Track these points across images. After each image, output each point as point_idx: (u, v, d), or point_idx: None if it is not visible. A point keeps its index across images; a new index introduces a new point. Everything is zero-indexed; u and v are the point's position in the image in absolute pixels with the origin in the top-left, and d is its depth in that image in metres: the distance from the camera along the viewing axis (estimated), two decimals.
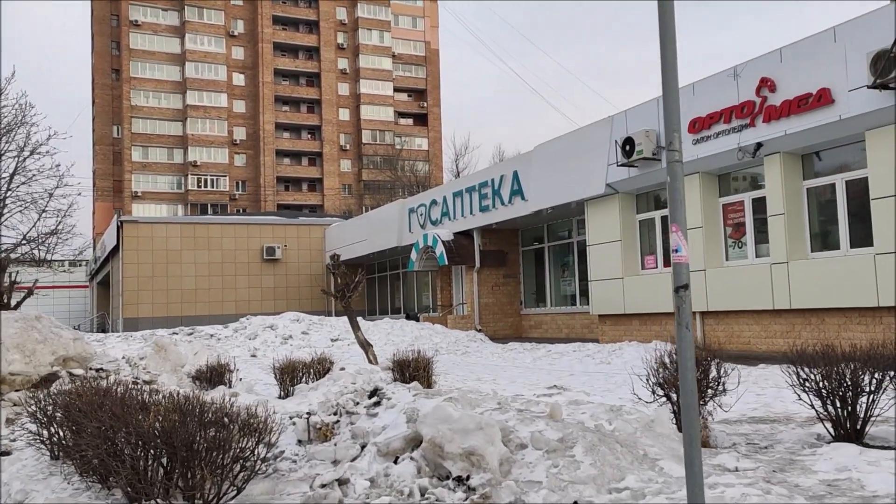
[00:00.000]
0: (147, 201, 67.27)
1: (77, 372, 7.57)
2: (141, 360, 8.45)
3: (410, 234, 26.53)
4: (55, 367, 7.50)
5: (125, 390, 5.08)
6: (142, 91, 69.26)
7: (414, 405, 4.46)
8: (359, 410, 4.70)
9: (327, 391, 8.28)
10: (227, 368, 8.84)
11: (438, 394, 4.98)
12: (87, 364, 7.80)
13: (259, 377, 11.59)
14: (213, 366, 8.77)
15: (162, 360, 8.54)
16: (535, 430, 4.17)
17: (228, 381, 8.83)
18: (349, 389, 5.71)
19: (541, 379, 9.87)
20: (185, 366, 8.87)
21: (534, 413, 4.48)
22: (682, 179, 3.55)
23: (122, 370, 8.17)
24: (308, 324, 18.53)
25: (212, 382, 8.67)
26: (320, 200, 73.72)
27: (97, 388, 5.17)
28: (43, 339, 7.43)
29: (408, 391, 4.90)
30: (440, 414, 3.87)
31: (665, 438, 4.60)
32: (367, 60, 77.11)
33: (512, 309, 23.36)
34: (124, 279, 30.90)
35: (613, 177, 16.29)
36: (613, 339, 16.94)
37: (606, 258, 17.07)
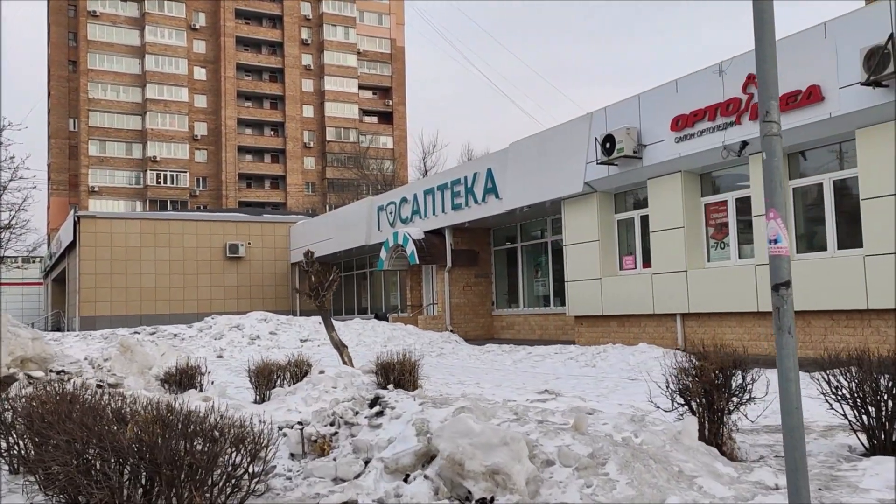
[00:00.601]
0: (104, 197, 65.44)
1: (36, 374, 6.95)
2: (105, 361, 7.84)
3: (379, 233, 26.01)
4: (12, 368, 6.87)
5: (94, 397, 4.53)
6: (100, 84, 67.36)
7: (422, 415, 4.01)
8: (359, 421, 4.22)
9: (306, 395, 7.78)
10: (198, 371, 8.27)
11: (447, 402, 4.53)
12: (46, 366, 7.18)
13: (229, 379, 11.00)
14: (182, 368, 8.19)
15: (128, 361, 7.94)
16: (561, 444, 3.75)
17: (199, 384, 8.26)
18: (344, 397, 5.22)
19: (527, 382, 9.48)
20: (152, 368, 8.28)
21: (556, 424, 4.06)
22: (780, 156, 3.16)
23: (84, 372, 7.56)
24: (276, 324, 17.91)
25: (182, 385, 8.09)
26: (283, 198, 72.58)
27: (62, 393, 4.61)
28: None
29: (413, 399, 4.44)
30: (460, 427, 3.42)
31: (696, 452, 4.21)
32: (331, 57, 76.16)
33: (483, 309, 22.99)
34: (81, 276, 29.79)
35: (592, 175, 16.02)
36: (591, 340, 16.67)
37: (584, 258, 16.78)
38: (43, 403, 4.40)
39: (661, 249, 14.62)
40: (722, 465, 4.18)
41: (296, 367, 8.46)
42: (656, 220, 14.76)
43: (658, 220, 14.71)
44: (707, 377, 4.63)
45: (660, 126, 14.15)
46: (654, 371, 9.89)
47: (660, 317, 14.87)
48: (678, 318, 14.38)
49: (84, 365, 7.78)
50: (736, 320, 13.20)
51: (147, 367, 8.14)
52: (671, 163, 14.04)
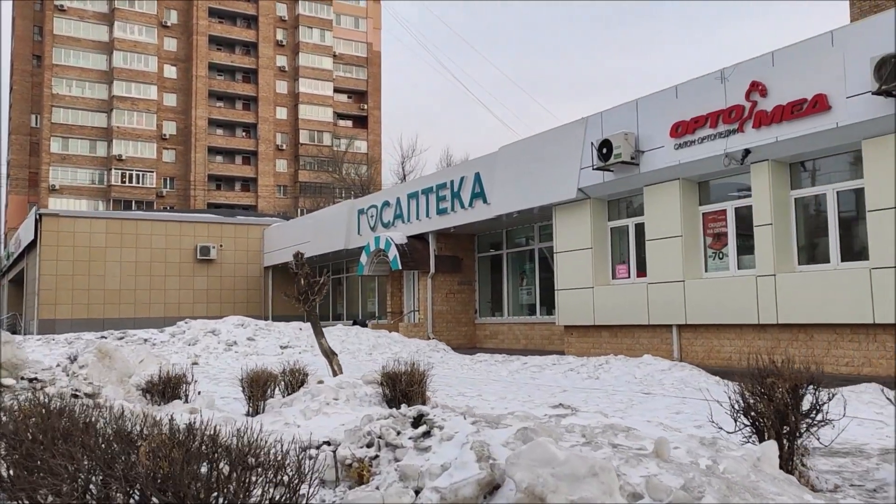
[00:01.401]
0: (66, 195, 63.63)
1: (7, 382, 6.25)
2: (81, 368, 7.14)
3: (359, 237, 25.36)
4: None
5: (85, 411, 3.90)
6: (64, 79, 65.59)
7: (479, 437, 3.46)
8: (403, 442, 3.65)
9: (305, 407, 7.19)
10: (183, 379, 7.60)
11: (499, 422, 3.98)
12: (17, 372, 6.47)
13: (208, 388, 10.31)
14: (166, 377, 7.52)
15: (106, 368, 7.25)
16: (647, 473, 3.24)
17: (185, 394, 7.59)
18: (380, 414, 4.62)
19: (532, 395, 8.97)
20: (132, 376, 7.59)
21: (634, 450, 3.54)
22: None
23: (58, 380, 6.86)
24: (254, 329, 17.15)
25: (165, 396, 7.42)
26: (254, 201, 71.37)
27: (49, 407, 3.97)
28: None
29: (462, 418, 3.89)
30: (539, 453, 2.89)
31: (781, 482, 3.73)
32: (307, 59, 75.26)
33: (466, 318, 22.47)
34: (41, 277, 28.59)
35: (586, 181, 15.62)
36: (581, 351, 16.24)
37: (576, 266, 16.36)
38: (26, 417, 3.76)
39: (658, 258, 14.26)
40: (811, 496, 3.70)
41: (290, 376, 7.83)
42: (653, 229, 14.40)
43: (655, 228, 14.35)
44: (780, 396, 4.16)
45: (658, 132, 13.80)
46: (665, 384, 9.47)
47: (655, 327, 14.49)
48: (674, 329, 14.01)
49: (57, 372, 7.08)
50: (735, 332, 12.86)
51: (127, 376, 7.46)
52: (670, 170, 13.69)
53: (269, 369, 8.65)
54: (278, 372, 8.08)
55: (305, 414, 6.96)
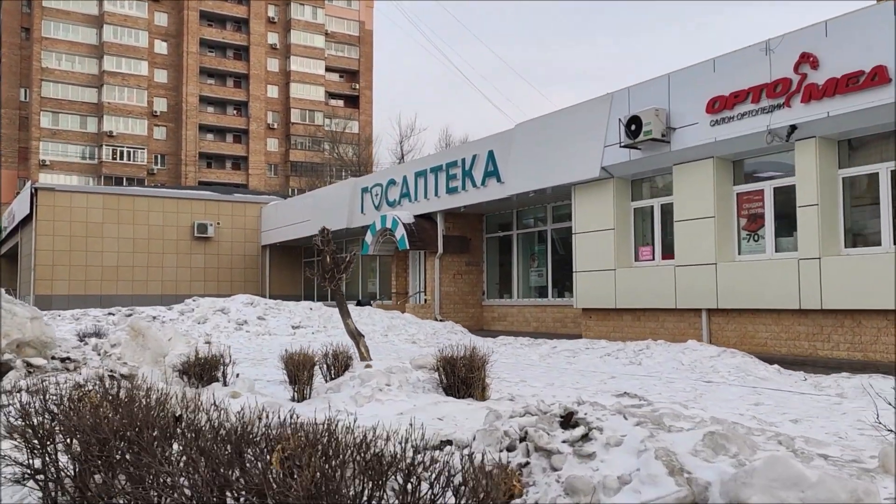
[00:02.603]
0: (56, 171, 62.42)
1: (36, 362, 5.69)
2: (113, 347, 6.58)
3: (363, 216, 24.78)
4: (7, 354, 5.60)
5: (163, 402, 3.36)
6: (54, 53, 64.14)
7: (657, 443, 2.92)
8: (558, 447, 3.08)
9: (356, 394, 6.68)
10: (222, 361, 7.07)
11: (660, 422, 3.45)
12: (47, 351, 5.92)
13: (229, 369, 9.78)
14: (203, 357, 6.99)
15: (140, 347, 6.70)
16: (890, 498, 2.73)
17: (223, 376, 7.06)
18: (506, 415, 4.10)
19: (582, 381, 8.49)
20: (167, 355, 7.05)
21: (844, 462, 3.03)
22: None
23: (89, 360, 6.31)
24: (264, 308, 16.58)
25: (202, 378, 6.89)
26: (245, 179, 70.37)
27: (114, 393, 3.42)
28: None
29: (621, 417, 3.35)
30: (781, 472, 2.35)
31: None
32: (298, 36, 74.04)
33: (474, 299, 21.99)
34: (37, 252, 27.84)
35: (610, 159, 15.11)
36: (600, 335, 15.81)
37: (596, 248, 15.88)
38: (96, 408, 3.22)
39: (687, 240, 13.79)
40: None
41: (333, 359, 7.31)
42: (682, 210, 13.92)
43: (684, 209, 13.88)
44: None
45: (693, 108, 13.28)
46: (721, 372, 9.03)
47: (682, 311, 14.05)
48: (704, 313, 13.57)
49: (87, 351, 6.52)
50: (772, 318, 12.43)
51: (161, 355, 6.91)
52: (703, 148, 13.19)
53: (305, 351, 8.13)
54: (320, 354, 7.56)
55: (357, 400, 6.46)
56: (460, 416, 5.81)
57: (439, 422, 5.64)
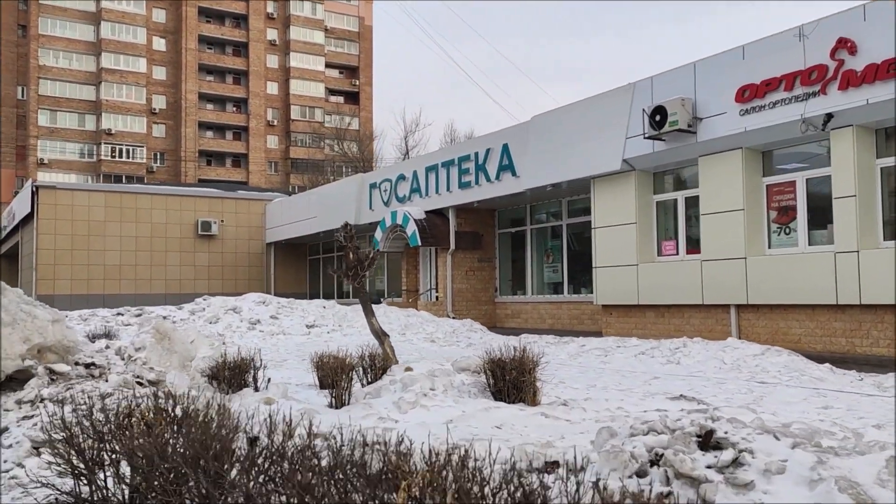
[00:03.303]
0: (54, 169, 61.86)
1: (59, 368, 5.28)
2: (138, 351, 6.17)
3: (371, 212, 24.34)
4: (28, 360, 5.18)
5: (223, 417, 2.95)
6: (51, 50, 63.56)
7: (832, 470, 2.47)
8: (706, 474, 2.61)
9: (399, 399, 6.26)
10: (252, 364, 6.65)
11: (812, 440, 3.00)
12: (69, 356, 5.50)
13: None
14: (233, 361, 6.57)
15: (166, 351, 6.28)
16: None
17: (254, 380, 6.65)
18: (628, 433, 3.67)
19: (624, 383, 8.09)
20: (193, 358, 6.63)
21: None
22: None
23: (113, 365, 5.89)
24: (276, 307, 16.15)
25: (232, 383, 6.48)
26: (245, 177, 69.87)
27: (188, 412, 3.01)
28: (10, 321, 5.10)
29: (771, 437, 2.89)
30: None
31: None
32: (298, 32, 73.55)
33: (486, 296, 21.58)
34: (39, 251, 27.37)
35: (632, 151, 14.69)
36: (621, 332, 15.41)
37: (617, 243, 15.48)
38: (149, 427, 2.80)
39: (715, 234, 13.39)
40: None
41: (370, 363, 6.90)
42: (709, 202, 13.52)
43: (711, 201, 13.47)
44: None
45: (721, 97, 12.87)
46: (771, 371, 8.63)
47: (709, 307, 13.66)
48: (732, 309, 13.17)
49: (110, 355, 6.10)
50: (805, 313, 12.04)
51: (188, 359, 6.49)
52: (732, 138, 12.78)
53: (333, 353, 7.73)
54: (354, 357, 7.15)
55: (400, 406, 6.05)
56: (518, 424, 5.41)
57: (497, 430, 5.24)
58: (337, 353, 7.33)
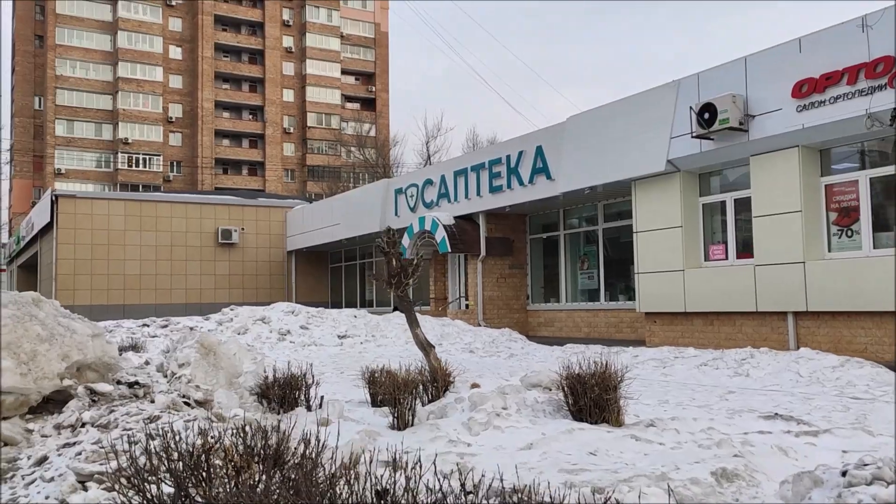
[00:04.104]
0: (72, 179, 61.82)
1: (101, 388, 4.72)
2: (181, 367, 5.61)
3: (397, 218, 23.77)
4: (66, 379, 4.63)
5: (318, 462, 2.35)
6: (68, 60, 63.65)
7: None
8: None
9: (469, 419, 5.66)
10: (303, 381, 6.07)
11: None
12: (111, 374, 4.94)
13: None
14: (280, 377, 6.00)
15: (212, 367, 5.72)
16: None
17: (305, 399, 6.06)
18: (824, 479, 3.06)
19: (698, 398, 7.46)
20: (240, 375, 6.06)
21: None
22: None
23: (156, 383, 5.33)
24: (306, 317, 15.60)
25: (284, 402, 5.90)
26: (261, 185, 69.59)
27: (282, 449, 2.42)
28: (48, 336, 4.55)
29: None
30: None
31: None
32: (314, 40, 73.39)
33: (518, 304, 20.94)
34: (58, 261, 27.02)
35: (678, 152, 14.05)
36: (665, 341, 14.75)
37: (661, 247, 14.83)
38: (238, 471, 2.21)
39: (769, 237, 12.72)
40: None
41: (432, 379, 6.31)
42: (762, 204, 12.85)
43: (765, 203, 12.80)
44: None
45: (775, 93, 12.22)
46: (859, 386, 7.95)
47: (764, 315, 12.97)
48: (790, 316, 12.48)
49: (152, 372, 5.55)
50: (872, 320, 11.34)
51: (235, 376, 5.93)
52: (788, 136, 12.12)
53: (385, 366, 7.15)
54: (412, 371, 6.56)
55: (471, 428, 5.45)
56: (612, 449, 4.79)
57: (592, 457, 4.63)
58: (389, 367, 6.75)
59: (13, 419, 4.34)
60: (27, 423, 4.39)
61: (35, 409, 4.52)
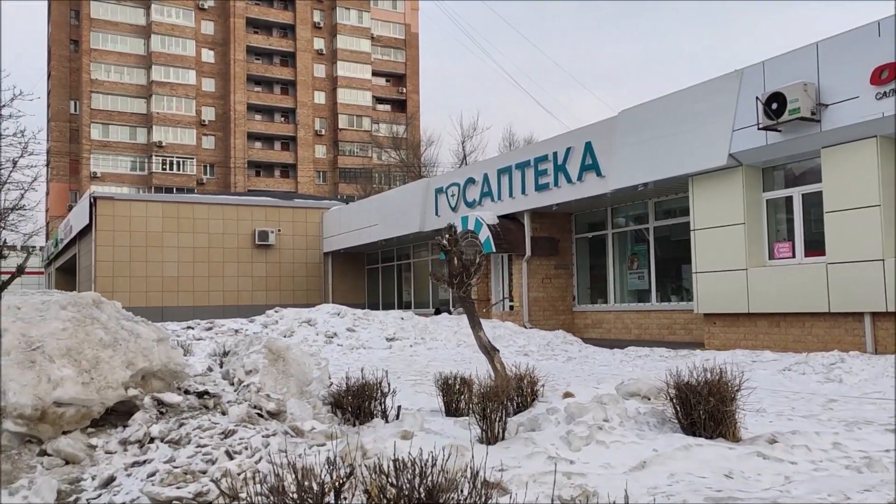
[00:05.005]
0: (107, 183, 62.34)
1: (169, 399, 4.26)
2: (248, 374, 5.14)
3: (437, 218, 23.28)
4: (131, 389, 4.18)
5: None
6: (103, 64, 64.24)
7: None
8: None
9: (568, 433, 5.12)
10: (378, 389, 5.57)
11: None
12: (178, 383, 4.49)
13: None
14: (354, 385, 5.50)
15: (281, 375, 5.25)
16: None
17: (381, 408, 5.56)
18: None
19: (798, 406, 6.82)
20: (311, 383, 5.59)
21: None
22: None
23: (223, 392, 4.86)
24: (352, 319, 15.15)
25: (360, 413, 5.40)
26: (293, 187, 69.59)
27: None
28: (111, 341, 4.11)
29: None
30: None
31: None
32: (344, 41, 73.29)
33: (564, 305, 20.32)
34: (97, 263, 26.95)
35: (741, 145, 13.36)
36: (726, 343, 14.06)
37: (721, 246, 14.13)
38: None
39: (843, 234, 11.99)
40: None
41: (517, 387, 5.77)
42: (836, 199, 12.12)
43: (839, 197, 12.07)
44: None
45: (851, 80, 11.50)
46: None
47: (836, 316, 12.23)
48: (867, 317, 11.73)
49: (217, 379, 5.09)
50: None
51: (306, 383, 5.45)
52: (866, 125, 11.39)
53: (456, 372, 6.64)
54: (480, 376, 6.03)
55: (570, 443, 4.90)
56: (748, 472, 4.21)
57: (729, 480, 4.05)
58: (461, 373, 6.23)
59: (74, 434, 3.90)
60: (89, 437, 3.94)
61: (97, 421, 4.08)
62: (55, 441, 3.75)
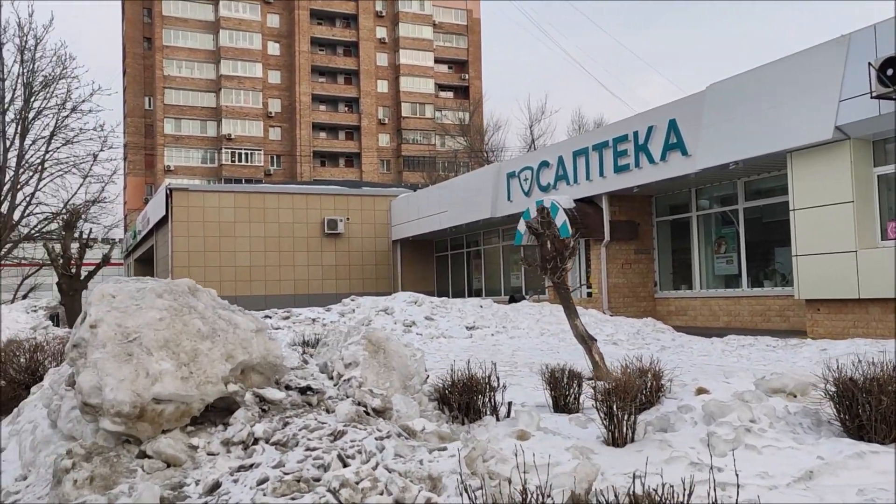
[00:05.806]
0: (179, 176, 63.74)
1: (270, 395, 3.87)
2: (347, 367, 4.72)
3: (509, 203, 22.70)
4: (231, 384, 3.79)
5: None
6: (174, 60, 65.64)
7: None
8: None
9: (710, 435, 4.52)
10: (487, 383, 5.08)
11: None
12: (278, 377, 4.09)
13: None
14: (461, 379, 5.02)
15: (383, 368, 4.82)
16: None
17: (492, 404, 5.07)
18: None
19: None
20: (413, 377, 5.14)
21: None
22: None
23: (324, 389, 4.44)
24: (430, 307, 14.75)
25: (469, 410, 4.91)
26: (358, 176, 69.90)
27: None
28: (210, 332, 3.74)
29: None
30: None
31: None
32: (406, 29, 73.05)
33: (645, 291, 19.50)
34: (174, 254, 27.34)
35: (849, 116, 12.34)
36: (832, 332, 13.09)
37: (826, 226, 13.14)
38: None
39: None
40: None
41: (639, 380, 5.18)
42: None
43: None
44: None
45: None
46: None
47: None
48: None
49: (315, 373, 4.68)
50: None
51: (408, 377, 5.02)
52: None
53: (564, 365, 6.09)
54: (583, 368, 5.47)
55: (714, 447, 4.30)
56: None
57: None
58: (567, 366, 5.68)
59: (173, 433, 3.54)
60: (189, 437, 3.58)
61: (196, 419, 3.71)
62: (155, 441, 3.39)
